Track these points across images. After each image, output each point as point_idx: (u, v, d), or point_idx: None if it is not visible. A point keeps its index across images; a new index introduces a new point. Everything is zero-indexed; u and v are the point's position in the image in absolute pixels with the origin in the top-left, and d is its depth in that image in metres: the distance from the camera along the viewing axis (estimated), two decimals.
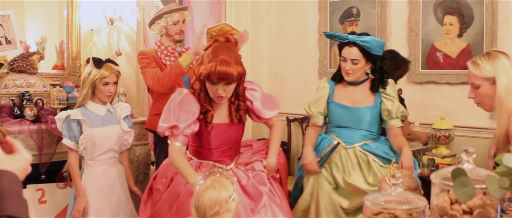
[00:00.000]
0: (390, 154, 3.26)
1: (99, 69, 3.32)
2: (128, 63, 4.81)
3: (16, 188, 1.25)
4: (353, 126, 3.31)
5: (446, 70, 4.58)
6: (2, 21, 4.18)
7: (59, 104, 4.05)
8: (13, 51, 4.19)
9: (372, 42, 3.18)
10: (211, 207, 2.30)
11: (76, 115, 3.31)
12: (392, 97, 3.28)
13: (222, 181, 2.39)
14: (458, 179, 1.44)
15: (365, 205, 1.71)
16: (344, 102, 3.33)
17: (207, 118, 2.91)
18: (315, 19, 5.50)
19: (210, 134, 2.95)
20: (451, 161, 4.25)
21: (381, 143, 3.31)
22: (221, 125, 2.97)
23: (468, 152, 1.62)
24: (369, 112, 3.28)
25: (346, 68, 3.25)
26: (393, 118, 3.28)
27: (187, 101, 2.87)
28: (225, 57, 2.73)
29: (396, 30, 4.90)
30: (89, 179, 3.37)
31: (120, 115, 3.52)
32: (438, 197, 1.62)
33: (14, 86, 3.99)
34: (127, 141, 3.55)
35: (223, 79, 2.74)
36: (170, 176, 3.01)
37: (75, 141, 3.34)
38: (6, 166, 1.27)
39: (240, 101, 2.98)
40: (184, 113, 2.84)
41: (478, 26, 4.35)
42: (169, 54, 3.98)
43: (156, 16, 4.03)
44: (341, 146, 3.28)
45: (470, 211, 1.55)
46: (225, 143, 3.01)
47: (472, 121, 4.42)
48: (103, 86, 3.34)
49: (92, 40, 4.51)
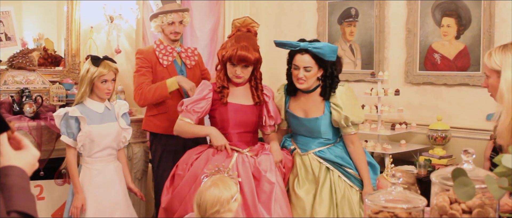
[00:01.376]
0: (344, 158, 3.26)
1: (97, 67, 3.33)
2: (127, 60, 4.82)
3: (25, 183, 1.27)
4: (308, 135, 3.33)
5: (444, 72, 4.61)
6: (2, 18, 4.18)
7: (59, 101, 4.06)
8: (13, 47, 4.18)
9: (325, 48, 3.11)
10: (212, 205, 2.31)
11: (74, 112, 3.32)
12: (339, 108, 3.18)
13: (226, 181, 2.40)
14: (458, 178, 1.46)
15: (366, 203, 1.73)
16: (297, 113, 3.32)
17: (223, 93, 3.27)
18: (313, 20, 5.53)
19: (228, 113, 3.28)
20: (447, 162, 4.28)
21: (337, 148, 3.30)
22: (239, 105, 3.29)
23: (468, 152, 1.64)
24: (320, 122, 3.26)
25: (299, 75, 3.16)
26: (344, 127, 3.23)
27: (203, 85, 3.34)
28: (245, 44, 3.19)
29: (394, 31, 4.93)
30: (87, 176, 3.38)
31: (118, 112, 3.53)
32: (437, 197, 1.64)
33: (13, 82, 3.99)
34: (125, 138, 3.57)
35: (242, 61, 3.18)
36: (190, 161, 3.26)
37: (73, 138, 3.35)
38: (15, 162, 1.28)
39: (259, 83, 3.36)
40: (196, 95, 3.30)
41: (475, 28, 4.38)
42: (167, 53, 3.95)
43: (152, 14, 4.04)
44: (297, 153, 3.33)
45: (469, 210, 1.57)
46: (242, 125, 3.29)
47: (469, 122, 4.46)
48: (102, 83, 3.36)
49: (92, 37, 4.52)
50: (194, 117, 3.24)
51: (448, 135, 4.37)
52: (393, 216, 1.68)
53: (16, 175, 1.25)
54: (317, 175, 3.22)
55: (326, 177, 3.21)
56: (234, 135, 3.28)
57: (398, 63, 4.90)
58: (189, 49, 4.12)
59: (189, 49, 4.12)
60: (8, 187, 1.22)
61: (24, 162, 1.31)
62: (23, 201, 1.22)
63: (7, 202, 1.20)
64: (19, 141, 1.36)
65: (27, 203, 1.23)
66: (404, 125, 4.54)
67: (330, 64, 3.19)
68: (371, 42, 5.08)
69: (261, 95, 3.34)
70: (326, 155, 3.25)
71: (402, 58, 4.87)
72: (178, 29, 3.97)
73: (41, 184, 3.85)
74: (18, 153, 1.32)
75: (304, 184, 3.24)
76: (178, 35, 4.01)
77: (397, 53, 4.91)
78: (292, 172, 3.34)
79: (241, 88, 3.34)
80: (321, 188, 3.18)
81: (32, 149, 1.36)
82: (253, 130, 3.37)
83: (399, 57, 4.90)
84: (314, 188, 3.21)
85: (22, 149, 1.35)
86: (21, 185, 1.25)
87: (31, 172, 1.33)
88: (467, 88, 4.50)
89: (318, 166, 3.25)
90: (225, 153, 3.19)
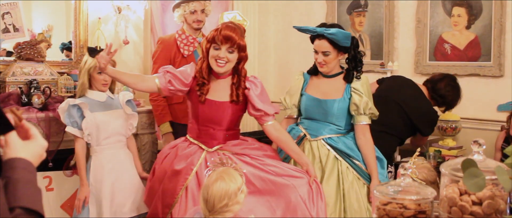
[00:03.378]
0: (354, 149, 3.24)
1: (94, 58, 3.30)
2: (135, 52, 4.81)
3: (31, 176, 1.23)
4: (321, 119, 3.30)
5: (454, 62, 4.56)
6: (10, 9, 4.18)
7: (67, 92, 4.06)
8: (21, 38, 4.19)
9: (338, 34, 3.15)
10: (220, 199, 2.28)
11: (74, 101, 3.35)
12: (361, 93, 3.21)
13: (231, 173, 2.37)
14: (468, 170, 1.44)
15: (374, 195, 1.71)
16: (315, 94, 3.32)
17: (202, 90, 3.07)
18: (322, 10, 5.49)
19: (200, 108, 3.09)
20: (457, 153, 4.25)
21: (347, 138, 3.28)
22: (216, 102, 3.09)
23: (478, 143, 1.62)
24: (336, 105, 3.25)
25: (319, 60, 3.25)
26: (361, 114, 3.22)
27: (188, 71, 3.13)
28: (232, 25, 3.01)
29: (404, 21, 4.89)
30: (98, 164, 3.40)
31: (122, 100, 3.55)
32: (447, 188, 1.63)
33: (22, 74, 3.99)
34: (131, 125, 3.57)
35: (227, 40, 2.95)
36: (163, 156, 3.21)
37: (78, 128, 3.37)
38: (21, 154, 1.24)
39: (241, 80, 3.11)
40: (180, 74, 3.10)
41: (486, 18, 4.33)
42: (188, 43, 3.97)
43: (175, 4, 4.08)
44: (307, 139, 3.30)
45: (479, 202, 1.55)
46: (213, 122, 3.10)
47: (479, 113, 4.42)
48: (98, 74, 3.38)
49: (100, 28, 4.51)
50: (163, 84, 3.10)
51: (458, 126, 4.33)
52: (402, 208, 1.66)
53: (22, 167, 1.22)
54: (324, 163, 3.20)
55: (334, 166, 3.19)
56: (202, 130, 3.12)
57: (408, 53, 4.86)
58: None
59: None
60: (14, 181, 1.19)
61: (31, 153, 1.27)
62: (28, 196, 1.19)
63: (11, 197, 1.17)
64: (27, 129, 1.31)
65: (32, 198, 1.19)
66: None
67: (352, 48, 3.24)
68: (381, 32, 5.04)
69: (241, 94, 3.10)
70: (336, 144, 3.23)
71: (412, 48, 4.83)
72: (200, 18, 4.00)
73: (50, 176, 3.85)
74: (26, 144, 1.28)
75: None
76: (200, 23, 4.03)
77: (407, 43, 4.87)
78: None
79: (222, 83, 3.12)
80: (328, 177, 3.16)
81: (39, 139, 1.32)
82: (227, 127, 3.14)
83: (408, 47, 4.86)
84: (319, 176, 3.18)
85: (30, 139, 1.30)
86: (27, 179, 1.21)
87: (38, 163, 1.30)
88: (477, 79, 4.45)
89: (326, 154, 3.22)
90: (196, 148, 3.10)
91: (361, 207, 3.13)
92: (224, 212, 2.30)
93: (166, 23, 5.44)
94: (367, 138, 3.25)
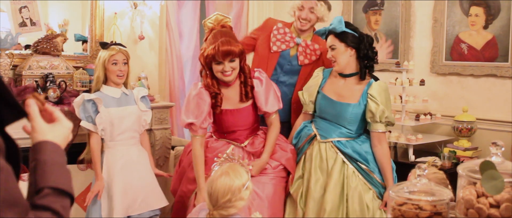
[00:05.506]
0: (363, 155, 3.19)
1: (107, 50, 3.42)
2: (151, 47, 4.82)
3: (60, 159, 1.23)
4: (332, 120, 3.27)
5: (470, 62, 4.52)
6: (27, 3, 4.21)
7: (82, 87, 4.09)
8: (37, 32, 4.21)
9: (333, 22, 3.20)
10: (223, 194, 2.29)
11: (90, 96, 3.38)
12: (378, 100, 3.14)
13: (237, 169, 2.37)
14: (486, 172, 1.42)
15: (390, 195, 1.70)
16: (330, 95, 3.28)
17: (217, 102, 3.15)
18: (338, 8, 5.46)
19: (223, 121, 3.22)
20: (472, 154, 4.21)
21: (357, 143, 3.23)
22: (234, 110, 3.20)
23: (497, 145, 1.59)
24: (350, 109, 3.21)
25: (328, 56, 3.27)
26: (376, 122, 3.17)
27: (201, 96, 3.15)
28: (224, 38, 3.04)
29: (420, 20, 4.85)
30: (111, 160, 3.42)
31: (137, 96, 3.56)
32: (464, 190, 1.61)
33: (38, 67, 4.02)
34: (145, 121, 3.58)
35: (227, 56, 3.02)
36: (189, 149, 3.36)
37: (92, 122, 3.39)
38: (48, 137, 1.23)
39: (247, 78, 3.20)
40: (198, 109, 3.14)
41: (504, 18, 4.28)
42: (283, 40, 3.66)
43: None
44: (316, 140, 3.27)
45: (497, 204, 1.53)
46: (238, 126, 3.24)
47: (495, 114, 4.37)
48: (112, 65, 3.42)
49: (116, 23, 4.53)
50: (204, 132, 3.22)
51: (473, 126, 4.30)
52: (417, 209, 1.65)
53: (49, 150, 1.21)
54: (331, 166, 3.17)
55: (340, 170, 3.16)
56: (232, 133, 3.28)
57: (424, 52, 4.82)
58: (313, 45, 3.66)
59: (313, 45, 3.66)
60: (42, 163, 1.18)
61: (58, 135, 1.26)
62: (56, 176, 1.18)
63: (39, 179, 1.17)
64: (51, 113, 1.31)
65: (61, 179, 1.19)
66: (428, 115, 4.47)
67: (364, 44, 3.20)
68: (397, 31, 5.00)
69: (250, 91, 3.21)
70: (344, 148, 3.19)
71: (428, 47, 4.79)
72: (304, 16, 3.60)
73: None
74: (52, 127, 1.27)
75: (316, 173, 3.21)
76: (305, 23, 3.62)
77: (423, 43, 4.83)
78: (306, 160, 3.29)
79: (232, 89, 3.21)
80: (333, 183, 3.13)
81: (64, 121, 1.32)
82: (251, 126, 3.31)
83: (425, 46, 4.82)
84: (324, 179, 3.17)
85: (55, 121, 1.30)
86: (55, 161, 1.21)
87: (65, 144, 1.29)
88: (494, 79, 4.41)
89: (333, 157, 3.19)
90: (224, 142, 3.29)
91: (364, 213, 3.09)
92: (228, 207, 2.30)
93: (182, 20, 5.45)
94: (383, 147, 3.20)
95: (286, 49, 3.66)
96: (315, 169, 3.21)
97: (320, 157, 3.23)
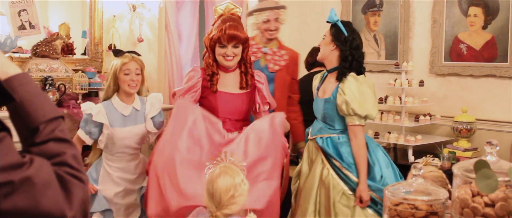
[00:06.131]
0: (338, 151, 3.12)
1: (120, 58, 3.22)
2: (150, 49, 4.83)
3: (34, 88, 1.15)
4: (318, 117, 3.27)
5: (470, 62, 4.52)
6: (26, 6, 4.22)
7: (81, 90, 4.09)
8: (36, 35, 4.23)
9: (330, 12, 3.24)
10: (226, 191, 2.30)
11: (99, 117, 3.17)
12: (343, 93, 3.05)
13: (232, 167, 2.41)
14: (481, 171, 1.42)
15: (385, 195, 1.70)
16: (318, 92, 3.29)
17: (213, 81, 3.18)
18: (337, 9, 5.44)
19: (217, 102, 3.19)
20: (472, 155, 4.21)
21: (338, 139, 3.16)
22: (229, 94, 3.21)
23: (491, 144, 1.59)
24: (322, 104, 3.18)
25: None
26: (348, 115, 3.08)
27: (191, 74, 3.25)
28: (232, 23, 3.12)
29: (419, 21, 4.85)
30: (107, 171, 3.30)
31: (147, 113, 3.34)
32: (459, 189, 1.61)
33: (37, 70, 4.03)
34: (149, 139, 3.40)
35: (232, 39, 3.09)
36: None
37: (89, 137, 3.23)
38: (10, 70, 1.13)
39: (249, 68, 3.25)
40: (190, 80, 3.22)
41: (503, 18, 4.28)
42: (251, 53, 3.64)
43: (248, 12, 3.94)
44: (309, 137, 3.29)
45: (492, 203, 1.53)
46: (231, 113, 3.21)
47: (495, 114, 4.37)
48: (125, 75, 3.20)
49: (115, 26, 4.54)
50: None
51: (473, 127, 4.29)
52: (413, 208, 1.65)
53: (20, 84, 1.13)
54: (314, 164, 3.17)
55: (317, 169, 3.13)
56: (224, 120, 3.18)
57: (423, 53, 4.82)
58: (279, 52, 3.80)
59: (279, 51, 3.80)
60: (20, 103, 1.12)
61: (8, 63, 1.16)
62: (41, 108, 1.14)
63: (28, 118, 1.12)
64: None
65: (46, 108, 1.15)
66: (428, 116, 4.47)
67: (348, 47, 3.11)
68: (396, 32, 5.00)
69: (250, 79, 3.23)
70: (322, 143, 3.15)
71: (427, 48, 4.79)
72: (273, 27, 3.73)
73: None
74: (7, 59, 1.18)
75: (305, 171, 3.24)
76: (273, 33, 3.76)
77: (422, 43, 4.83)
78: (303, 157, 3.32)
79: (231, 75, 3.24)
80: (311, 178, 3.14)
81: None
82: (244, 118, 3.26)
83: (424, 47, 4.82)
84: (306, 174, 3.20)
85: None
86: (31, 93, 1.14)
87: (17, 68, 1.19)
88: (493, 80, 4.41)
89: (315, 153, 3.19)
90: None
91: (329, 210, 3.05)
92: (231, 204, 2.32)
93: (181, 22, 5.45)
94: (358, 140, 3.09)
95: (256, 60, 3.72)
96: (305, 166, 3.25)
97: (308, 155, 3.26)
